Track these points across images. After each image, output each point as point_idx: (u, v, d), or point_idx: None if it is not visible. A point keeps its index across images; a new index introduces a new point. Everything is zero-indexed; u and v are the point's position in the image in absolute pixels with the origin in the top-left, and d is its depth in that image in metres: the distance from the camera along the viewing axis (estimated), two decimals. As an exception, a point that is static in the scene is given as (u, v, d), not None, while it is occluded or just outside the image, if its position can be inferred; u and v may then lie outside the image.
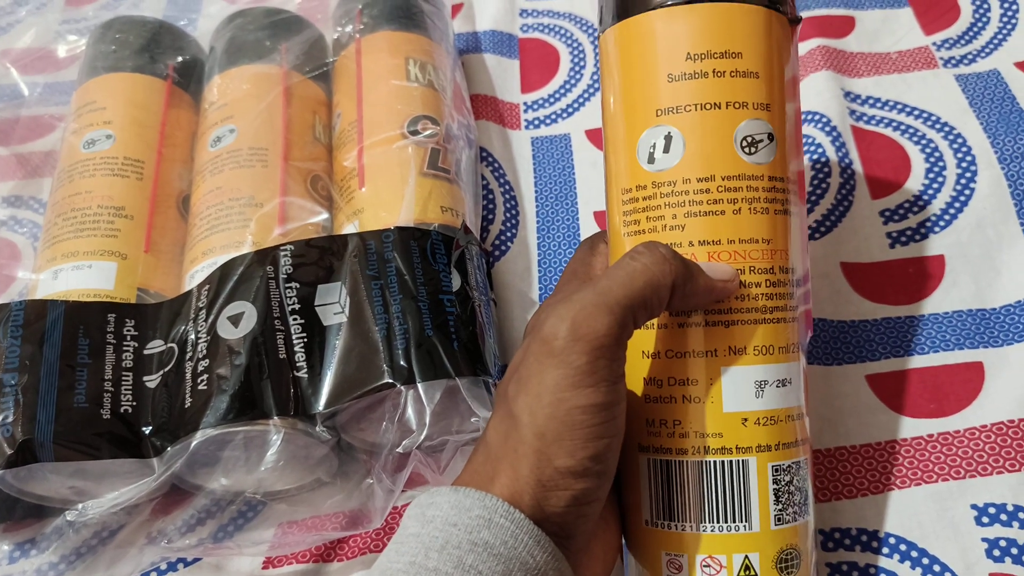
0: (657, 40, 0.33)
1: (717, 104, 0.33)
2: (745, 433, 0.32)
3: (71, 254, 0.44)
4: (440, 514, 0.29)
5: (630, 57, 0.34)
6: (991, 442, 0.41)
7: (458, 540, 0.28)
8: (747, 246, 0.33)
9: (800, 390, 0.34)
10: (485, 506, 0.28)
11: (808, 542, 0.33)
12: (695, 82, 0.33)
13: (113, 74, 0.50)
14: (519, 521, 0.28)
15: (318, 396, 0.39)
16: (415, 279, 0.41)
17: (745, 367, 0.32)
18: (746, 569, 0.32)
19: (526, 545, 0.28)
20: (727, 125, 0.33)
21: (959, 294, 0.46)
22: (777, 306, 0.33)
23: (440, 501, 0.29)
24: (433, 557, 0.27)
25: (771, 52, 0.33)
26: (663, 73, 0.33)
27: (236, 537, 0.42)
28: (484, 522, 0.28)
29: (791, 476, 0.33)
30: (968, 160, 0.50)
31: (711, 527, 0.32)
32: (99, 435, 0.39)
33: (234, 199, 0.45)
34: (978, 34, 0.57)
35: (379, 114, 0.47)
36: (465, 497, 0.29)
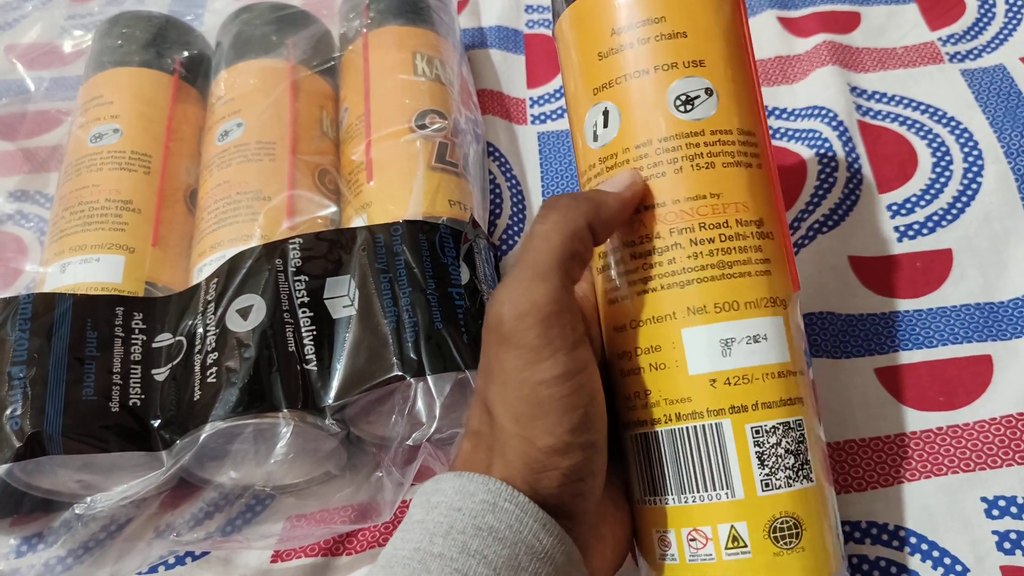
0: (585, 23, 0.34)
1: (644, 70, 0.33)
2: (715, 395, 0.31)
3: (79, 247, 0.44)
4: (444, 500, 0.29)
5: (570, 42, 0.35)
6: (1000, 435, 0.41)
7: (463, 525, 0.28)
8: (695, 203, 0.32)
9: (782, 346, 0.32)
10: (489, 490, 0.28)
11: (817, 511, 0.32)
12: (621, 54, 0.33)
13: (120, 68, 0.50)
14: (524, 505, 0.28)
15: (328, 389, 0.39)
16: (424, 272, 0.41)
17: (707, 326, 0.31)
18: (734, 540, 0.31)
19: (531, 529, 0.28)
20: (658, 88, 0.33)
21: (967, 288, 0.46)
22: (739, 259, 0.32)
23: (444, 487, 0.29)
24: (438, 543, 0.27)
25: (700, 7, 0.33)
26: (594, 53, 0.34)
27: (245, 531, 0.42)
28: (488, 506, 0.28)
29: (778, 438, 0.31)
30: (975, 155, 0.50)
31: (693, 497, 0.31)
32: (108, 428, 0.38)
33: (242, 193, 0.45)
34: (984, 29, 0.57)
35: (387, 108, 0.47)
36: (469, 482, 0.29)
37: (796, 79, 0.56)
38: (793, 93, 0.55)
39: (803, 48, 0.57)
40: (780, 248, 0.33)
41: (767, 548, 0.30)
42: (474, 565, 0.27)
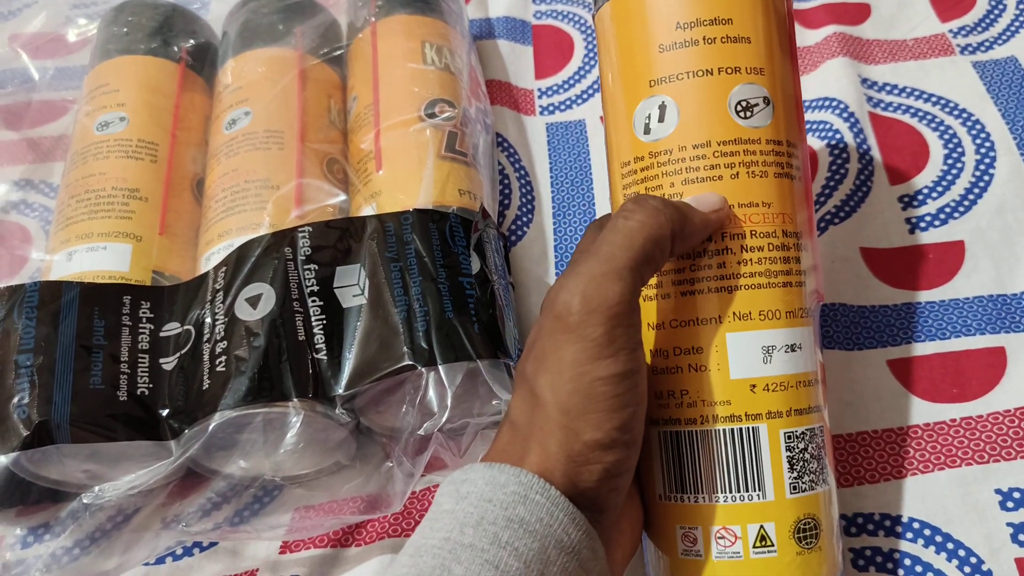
0: (647, 12, 0.34)
1: (709, 70, 0.33)
2: (754, 400, 0.32)
3: (85, 235, 0.43)
4: (475, 490, 0.28)
5: (623, 32, 0.35)
6: (1015, 426, 0.40)
7: (494, 516, 0.27)
8: (748, 210, 0.32)
9: (812, 356, 0.33)
10: (520, 482, 0.28)
11: (829, 512, 0.33)
12: (685, 50, 0.33)
13: (126, 57, 0.50)
14: (554, 498, 0.28)
15: (338, 378, 0.38)
16: (435, 261, 0.40)
17: (751, 332, 0.32)
18: (762, 539, 0.31)
19: (561, 522, 0.28)
20: (720, 90, 0.33)
21: (979, 279, 0.46)
22: (782, 270, 0.32)
23: (474, 477, 0.29)
24: (468, 533, 0.27)
25: (763, 16, 0.33)
26: (655, 44, 0.33)
27: (253, 521, 0.41)
28: (520, 498, 0.28)
29: (805, 443, 0.32)
30: (987, 146, 0.50)
31: (724, 497, 0.32)
32: (115, 417, 0.38)
33: (250, 181, 0.44)
34: (995, 21, 0.56)
35: (396, 97, 0.47)
36: (500, 473, 0.28)
37: (806, 71, 0.55)
38: (804, 85, 0.55)
39: (813, 40, 0.57)
40: (813, 259, 0.34)
41: (791, 548, 0.31)
42: (505, 557, 0.27)
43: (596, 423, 0.28)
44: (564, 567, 0.28)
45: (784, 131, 0.33)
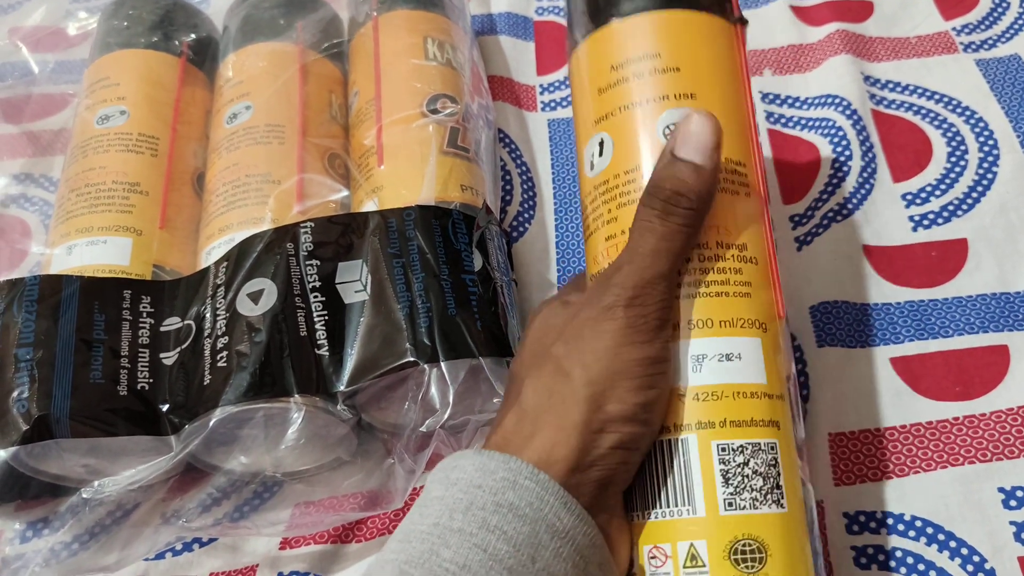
0: (589, 60, 0.36)
1: (637, 102, 0.34)
2: (682, 409, 0.31)
3: (85, 229, 0.43)
4: (464, 476, 0.29)
5: (576, 80, 0.37)
6: (1018, 425, 0.40)
7: (483, 502, 0.28)
8: None
9: (761, 367, 0.32)
10: (509, 468, 0.28)
11: (787, 537, 0.30)
12: (617, 88, 0.35)
13: (126, 50, 0.50)
14: (544, 483, 0.28)
15: (340, 374, 0.38)
16: (437, 258, 0.40)
17: (679, 341, 0.31)
18: (692, 559, 0.30)
19: (552, 507, 0.28)
20: (649, 119, 0.34)
21: (983, 277, 0.45)
22: (715, 280, 0.32)
23: (464, 464, 0.29)
24: (458, 518, 0.27)
25: (693, 47, 0.35)
26: (594, 88, 0.35)
27: (253, 517, 0.41)
28: (509, 484, 0.28)
29: (745, 458, 0.30)
30: (990, 144, 0.50)
31: (656, 513, 0.30)
32: (115, 411, 0.38)
33: (251, 175, 0.44)
34: (998, 19, 0.56)
35: (398, 92, 0.47)
36: (489, 460, 0.29)
37: (809, 68, 0.55)
38: (806, 82, 0.55)
39: (816, 37, 0.57)
40: (764, 274, 0.33)
41: (727, 570, 0.29)
42: (494, 540, 0.27)
43: (622, 396, 0.29)
44: (558, 551, 0.28)
45: (724, 149, 0.33)
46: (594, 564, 0.29)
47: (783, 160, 0.51)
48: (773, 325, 0.33)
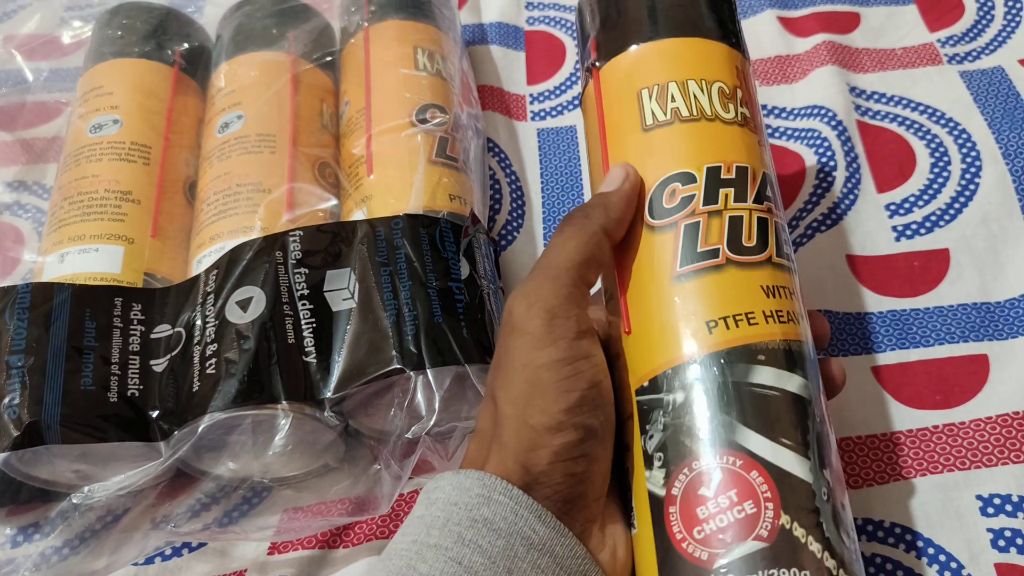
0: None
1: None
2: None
3: (77, 237, 0.43)
4: (442, 496, 0.30)
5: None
6: (996, 433, 0.41)
7: (458, 517, 0.28)
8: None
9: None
10: (484, 484, 0.29)
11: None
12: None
13: (120, 60, 0.50)
14: (518, 497, 0.29)
15: (327, 381, 0.39)
16: (424, 266, 0.41)
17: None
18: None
19: (527, 520, 0.29)
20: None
21: (964, 287, 0.46)
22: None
23: (443, 484, 0.30)
24: (434, 534, 0.28)
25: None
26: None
27: (242, 522, 0.42)
28: (483, 500, 0.29)
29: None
30: (973, 155, 0.51)
31: None
32: (106, 418, 0.38)
33: (242, 184, 0.44)
34: (982, 31, 0.57)
35: (387, 102, 0.47)
36: (465, 478, 0.30)
37: (796, 79, 0.56)
38: (792, 93, 0.55)
39: (803, 48, 0.57)
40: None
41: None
42: (469, 554, 0.28)
43: (542, 407, 0.30)
44: (535, 563, 0.28)
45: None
46: (578, 575, 0.29)
47: (769, 170, 0.52)
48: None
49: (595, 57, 0.38)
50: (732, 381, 0.31)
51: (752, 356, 0.31)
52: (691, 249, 0.33)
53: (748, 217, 0.34)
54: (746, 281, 0.32)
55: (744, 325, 0.32)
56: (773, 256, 0.33)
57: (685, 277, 0.32)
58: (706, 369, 0.31)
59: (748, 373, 0.31)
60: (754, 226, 0.34)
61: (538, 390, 0.30)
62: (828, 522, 0.29)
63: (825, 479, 0.30)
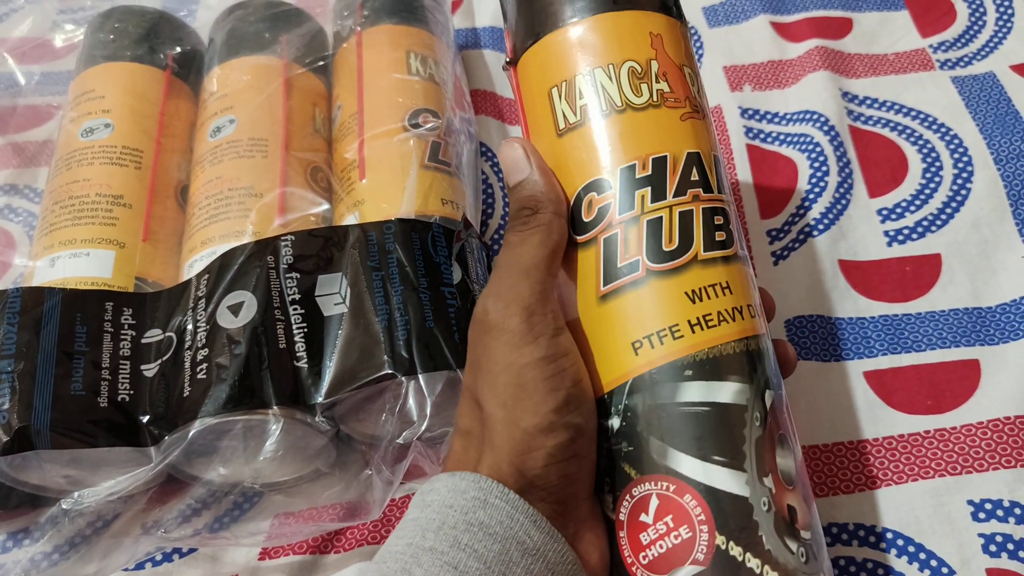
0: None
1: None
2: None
3: (68, 242, 0.43)
4: (437, 498, 0.29)
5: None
6: (987, 438, 0.41)
7: (454, 521, 0.28)
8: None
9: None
10: (480, 487, 0.29)
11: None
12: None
13: (112, 63, 0.50)
14: (514, 501, 0.29)
15: (318, 386, 0.39)
16: (416, 271, 0.41)
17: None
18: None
19: (522, 525, 0.28)
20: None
21: (956, 292, 0.46)
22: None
23: (438, 486, 0.30)
24: (429, 537, 0.28)
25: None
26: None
27: (232, 528, 0.42)
28: (479, 503, 0.29)
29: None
30: (964, 161, 0.51)
31: None
32: (96, 423, 0.38)
33: (234, 189, 0.44)
34: (974, 37, 0.57)
35: (380, 107, 0.47)
36: (461, 480, 0.29)
37: (788, 84, 0.56)
38: (785, 98, 0.55)
39: (795, 53, 0.57)
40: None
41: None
42: (464, 558, 0.27)
43: (533, 408, 0.29)
44: (529, 569, 0.28)
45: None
46: None
47: (761, 175, 0.52)
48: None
49: (509, 54, 0.36)
50: (659, 403, 0.30)
51: (678, 373, 0.30)
52: (612, 265, 0.31)
53: (668, 217, 0.31)
54: (668, 291, 0.31)
55: (668, 340, 0.30)
56: (700, 254, 0.31)
57: (610, 296, 0.31)
58: (636, 392, 0.30)
59: (675, 392, 0.30)
60: (675, 226, 0.31)
61: (526, 391, 0.30)
62: (769, 534, 0.29)
63: (766, 487, 0.29)
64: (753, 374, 0.31)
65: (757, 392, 0.31)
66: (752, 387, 0.31)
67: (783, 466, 0.31)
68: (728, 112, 0.55)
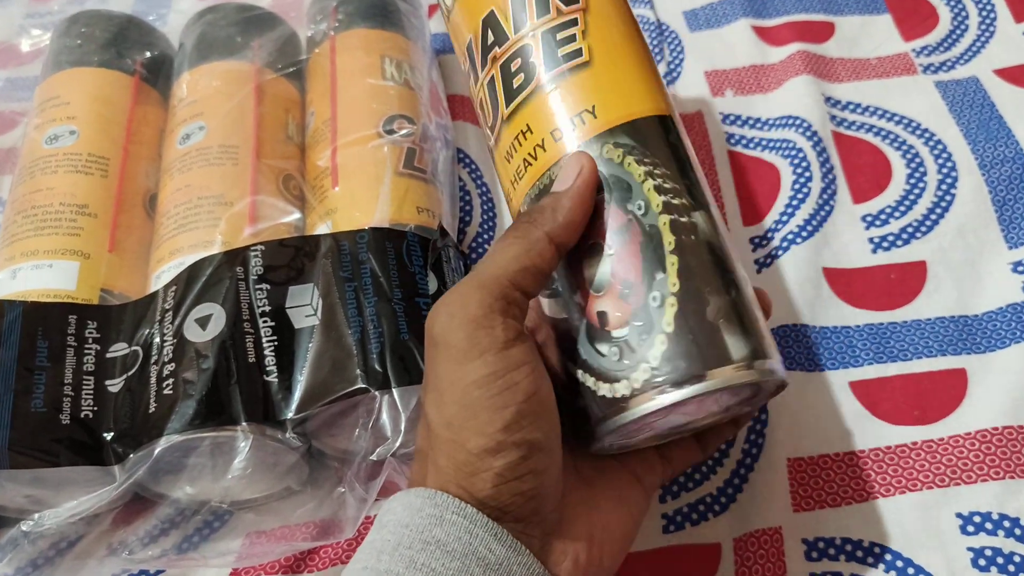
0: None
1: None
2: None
3: (31, 253, 0.42)
4: (393, 518, 0.28)
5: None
6: (975, 450, 0.40)
7: (409, 540, 0.27)
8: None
9: None
10: (435, 504, 0.28)
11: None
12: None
13: (78, 69, 0.49)
14: (472, 516, 0.28)
15: (289, 401, 0.37)
16: (390, 281, 0.40)
17: None
18: None
19: (482, 539, 0.27)
20: None
21: (941, 300, 0.45)
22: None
23: (394, 506, 0.29)
24: (384, 559, 0.27)
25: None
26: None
27: (201, 548, 0.40)
28: (435, 520, 0.28)
29: None
30: (949, 166, 0.50)
31: None
32: (58, 441, 0.37)
33: (203, 197, 0.43)
34: (956, 41, 0.57)
35: (354, 113, 0.46)
36: (415, 497, 0.28)
37: (770, 88, 0.55)
38: (767, 103, 0.55)
39: (777, 57, 0.57)
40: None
41: None
42: None
43: (478, 429, 0.28)
44: None
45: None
46: None
47: (744, 181, 0.51)
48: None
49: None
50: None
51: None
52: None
53: (481, 94, 0.35)
54: (498, 162, 0.36)
55: (509, 206, 0.36)
56: (503, 113, 0.34)
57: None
58: None
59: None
60: (486, 99, 0.35)
61: (470, 411, 0.28)
62: (583, 344, 0.31)
63: (576, 303, 0.32)
64: None
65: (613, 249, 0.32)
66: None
67: (590, 275, 0.31)
68: (709, 118, 0.54)
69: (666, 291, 0.30)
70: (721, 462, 0.42)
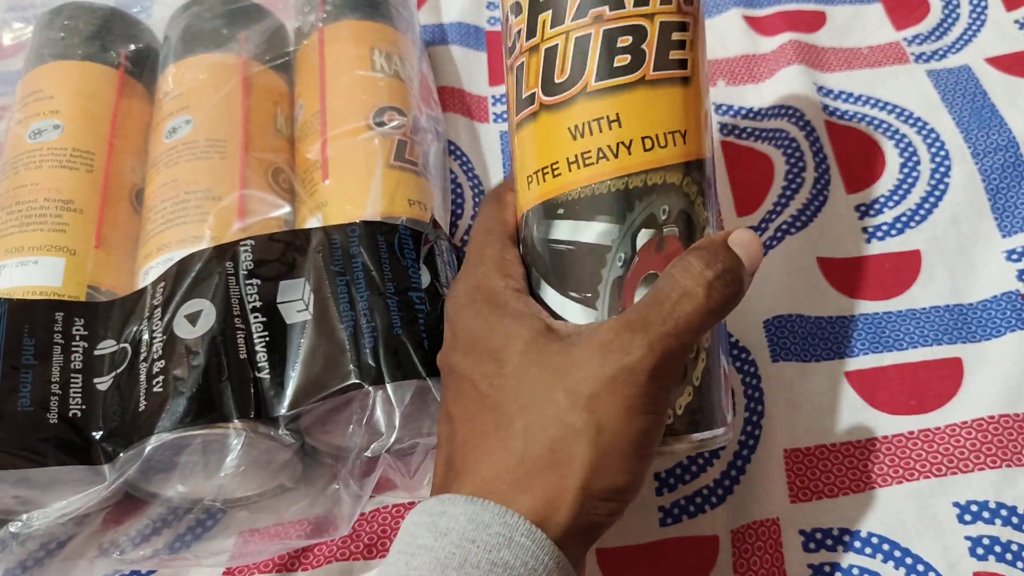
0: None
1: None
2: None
3: (15, 249, 0.41)
4: (456, 527, 0.27)
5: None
6: (972, 439, 0.40)
7: (477, 559, 0.26)
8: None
9: None
10: (506, 523, 0.27)
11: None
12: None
13: (61, 62, 0.48)
14: (540, 541, 0.27)
15: (281, 398, 0.37)
16: (383, 275, 0.39)
17: None
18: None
19: (547, 567, 0.27)
20: None
21: (936, 289, 0.45)
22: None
23: (455, 512, 0.27)
24: (451, 575, 0.26)
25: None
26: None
27: (194, 547, 0.40)
28: (504, 540, 0.27)
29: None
30: (942, 155, 0.50)
31: None
32: (45, 440, 0.36)
33: (191, 192, 0.42)
34: (948, 30, 0.56)
35: (343, 105, 0.45)
36: (484, 511, 0.27)
37: (763, 78, 0.55)
38: (760, 92, 0.54)
39: (769, 47, 0.56)
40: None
41: None
42: None
43: (623, 467, 0.28)
44: None
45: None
46: None
47: (737, 171, 0.51)
48: None
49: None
50: (535, 238, 0.32)
51: (552, 212, 0.31)
52: (519, 96, 0.32)
53: (564, 44, 0.30)
54: (553, 127, 0.31)
55: (549, 178, 0.31)
56: (590, 84, 0.30)
57: (519, 127, 0.32)
58: (525, 226, 0.33)
59: (548, 230, 0.31)
60: (568, 53, 0.30)
61: (628, 450, 0.28)
62: None
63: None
64: (628, 213, 0.30)
65: (627, 232, 0.30)
66: (622, 227, 0.30)
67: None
68: (702, 108, 0.54)
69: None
70: (718, 454, 0.41)
